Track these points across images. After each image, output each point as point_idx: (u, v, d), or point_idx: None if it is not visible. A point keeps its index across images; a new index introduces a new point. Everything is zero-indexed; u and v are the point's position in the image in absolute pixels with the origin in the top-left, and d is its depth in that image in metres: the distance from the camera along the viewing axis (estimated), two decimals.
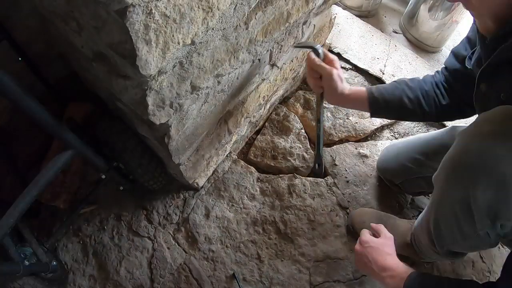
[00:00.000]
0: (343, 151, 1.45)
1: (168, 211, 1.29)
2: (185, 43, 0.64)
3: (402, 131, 1.57)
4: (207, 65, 0.78)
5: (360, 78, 1.65)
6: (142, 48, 0.57)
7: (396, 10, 2.14)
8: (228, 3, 0.68)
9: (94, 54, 0.73)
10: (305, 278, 1.19)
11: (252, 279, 1.19)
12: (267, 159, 1.42)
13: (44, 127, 0.76)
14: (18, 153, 1.24)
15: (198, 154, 1.13)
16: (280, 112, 1.53)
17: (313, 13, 1.17)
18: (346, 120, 1.52)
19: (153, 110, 0.73)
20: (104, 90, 0.95)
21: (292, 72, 1.41)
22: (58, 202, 1.20)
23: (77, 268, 1.19)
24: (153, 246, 1.22)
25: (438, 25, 1.81)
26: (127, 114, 0.91)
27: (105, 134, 1.04)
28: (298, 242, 1.24)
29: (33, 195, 0.84)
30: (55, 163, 0.86)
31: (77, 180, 1.29)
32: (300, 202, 1.31)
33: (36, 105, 0.71)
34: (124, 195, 1.30)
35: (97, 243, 1.23)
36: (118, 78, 0.71)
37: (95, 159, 0.99)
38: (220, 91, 0.95)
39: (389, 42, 1.80)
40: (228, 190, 1.34)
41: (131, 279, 1.17)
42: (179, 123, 0.86)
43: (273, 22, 0.92)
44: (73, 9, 0.63)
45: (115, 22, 0.55)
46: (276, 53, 1.10)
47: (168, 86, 0.72)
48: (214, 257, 1.21)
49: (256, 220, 1.28)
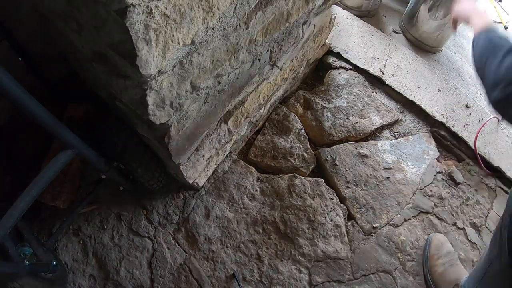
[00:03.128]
0: (343, 151, 1.45)
1: (168, 211, 1.29)
2: (185, 43, 0.64)
3: (402, 131, 1.57)
4: (207, 65, 0.78)
5: (360, 78, 1.65)
6: (142, 48, 0.57)
7: (396, 10, 2.14)
8: (228, 3, 0.68)
9: (94, 54, 0.73)
10: (305, 278, 1.19)
11: (252, 279, 1.19)
12: (267, 159, 1.42)
13: (44, 127, 0.76)
14: (18, 153, 1.24)
15: (198, 154, 1.13)
16: (280, 112, 1.53)
17: (313, 13, 1.17)
18: (346, 120, 1.52)
19: (153, 110, 0.73)
20: (104, 90, 0.95)
21: (292, 72, 1.41)
22: (58, 202, 1.20)
23: (77, 268, 1.19)
24: (153, 246, 1.22)
25: (438, 25, 1.81)
26: (127, 114, 0.90)
27: (105, 134, 1.04)
28: (298, 242, 1.24)
29: (33, 195, 0.84)
30: (55, 163, 0.86)
31: (77, 180, 1.28)
32: (300, 202, 1.31)
33: (36, 105, 0.71)
34: (124, 195, 1.30)
35: (97, 243, 1.23)
36: (118, 78, 0.71)
37: (95, 159, 0.99)
38: (220, 91, 0.95)
39: (389, 42, 1.80)
40: (228, 190, 1.34)
41: (131, 279, 1.17)
42: (179, 123, 0.86)
43: (273, 22, 0.92)
44: (73, 9, 0.63)
45: (115, 22, 0.55)
46: (276, 53, 1.10)
47: (168, 86, 0.72)
48: (214, 257, 1.21)
49: (256, 220, 1.28)
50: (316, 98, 1.57)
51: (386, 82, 1.63)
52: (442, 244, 1.25)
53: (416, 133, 1.56)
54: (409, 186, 1.40)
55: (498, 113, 0.78)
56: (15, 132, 1.21)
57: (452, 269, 1.20)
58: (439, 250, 1.24)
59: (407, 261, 1.25)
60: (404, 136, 1.55)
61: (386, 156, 1.46)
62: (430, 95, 1.63)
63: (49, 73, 1.17)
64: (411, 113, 1.61)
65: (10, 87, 0.64)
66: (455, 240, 1.31)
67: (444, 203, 1.38)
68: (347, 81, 1.63)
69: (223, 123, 1.14)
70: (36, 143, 1.26)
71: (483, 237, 1.35)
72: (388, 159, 1.45)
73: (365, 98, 1.60)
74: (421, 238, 1.30)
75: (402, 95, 1.61)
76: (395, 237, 1.29)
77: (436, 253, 1.23)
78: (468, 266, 1.27)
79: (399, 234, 1.30)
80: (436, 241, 1.26)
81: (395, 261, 1.25)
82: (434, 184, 1.44)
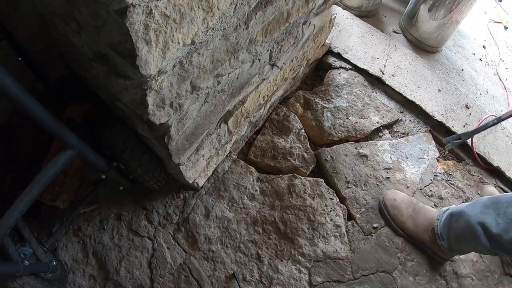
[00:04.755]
0: (343, 151, 1.45)
1: (168, 211, 1.29)
2: (185, 43, 0.64)
3: (402, 131, 1.57)
4: (207, 65, 0.78)
5: (360, 78, 1.65)
6: (142, 48, 0.57)
7: (396, 10, 2.14)
8: (228, 3, 0.68)
9: (94, 54, 0.73)
10: (305, 278, 1.19)
11: (252, 279, 1.19)
12: (267, 159, 1.42)
13: (44, 127, 0.76)
14: (18, 153, 1.24)
15: (198, 154, 1.13)
16: (280, 112, 1.53)
17: (313, 13, 1.17)
18: (346, 120, 1.52)
19: (153, 110, 0.73)
20: (104, 90, 0.95)
21: (292, 72, 1.41)
22: (58, 202, 1.20)
23: (77, 268, 1.19)
24: (153, 246, 1.22)
25: (438, 25, 1.81)
26: (127, 114, 0.91)
27: (105, 134, 1.04)
28: (298, 242, 1.24)
29: (33, 195, 0.84)
30: (55, 163, 0.86)
31: (77, 180, 1.28)
32: (300, 202, 1.31)
33: (36, 105, 0.71)
34: (124, 195, 1.30)
35: (97, 243, 1.23)
36: (118, 78, 0.71)
37: (95, 159, 0.99)
38: (220, 91, 0.95)
39: (389, 42, 1.80)
40: (228, 190, 1.34)
41: (131, 279, 1.17)
42: (179, 123, 0.86)
43: (273, 22, 0.92)
44: (73, 9, 0.63)
45: (115, 22, 0.55)
46: (276, 53, 1.10)
47: (168, 86, 0.72)
48: (214, 257, 1.21)
49: (256, 220, 1.28)
50: (316, 98, 1.57)
51: (386, 82, 1.63)
52: (395, 199, 1.28)
53: (416, 133, 1.56)
54: (409, 186, 1.40)
55: None
56: (15, 132, 1.21)
57: (420, 216, 1.24)
58: (397, 206, 1.27)
59: (407, 261, 1.25)
60: (404, 136, 1.55)
61: (386, 156, 1.46)
62: (430, 95, 1.63)
63: (49, 73, 1.17)
64: (411, 113, 1.62)
65: (10, 87, 0.64)
66: None
67: (444, 203, 1.38)
68: (347, 81, 1.63)
69: (223, 123, 1.14)
70: (36, 143, 1.26)
71: None
72: (388, 159, 1.45)
73: (365, 98, 1.60)
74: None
75: (402, 95, 1.62)
76: (395, 237, 1.29)
77: (396, 212, 1.27)
78: (468, 267, 1.27)
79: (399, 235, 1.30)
80: (389, 201, 1.28)
81: (395, 261, 1.25)
82: (434, 184, 1.44)
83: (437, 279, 1.24)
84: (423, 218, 1.23)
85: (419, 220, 1.23)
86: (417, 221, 1.23)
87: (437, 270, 1.25)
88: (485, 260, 1.29)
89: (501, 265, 1.31)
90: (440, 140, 1.55)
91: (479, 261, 1.29)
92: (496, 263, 1.31)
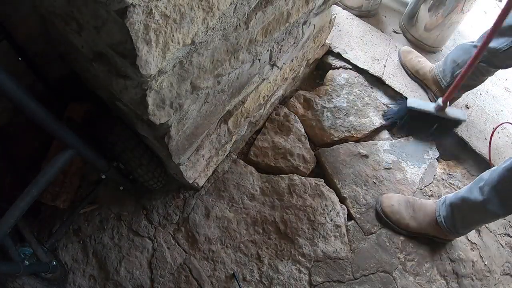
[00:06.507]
0: (343, 151, 1.45)
1: (168, 211, 1.29)
2: (185, 43, 0.64)
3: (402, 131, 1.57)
4: (207, 65, 0.78)
5: (360, 78, 1.65)
6: (142, 48, 0.57)
7: (396, 10, 2.14)
8: (228, 3, 0.68)
9: (94, 54, 0.73)
10: (305, 278, 1.19)
11: (252, 279, 1.19)
12: (267, 159, 1.42)
13: (44, 127, 0.76)
14: (18, 153, 1.24)
15: (198, 154, 1.13)
16: (281, 112, 1.53)
17: (313, 13, 1.17)
18: (346, 120, 1.52)
19: (153, 110, 0.73)
20: (104, 90, 0.95)
21: (292, 72, 1.41)
22: (58, 202, 1.20)
23: (77, 268, 1.19)
24: (153, 246, 1.22)
25: (438, 25, 1.81)
26: (127, 114, 0.90)
27: (105, 134, 1.04)
28: (298, 242, 1.24)
29: (33, 195, 0.84)
30: (55, 163, 0.86)
31: (77, 180, 1.28)
32: (300, 202, 1.31)
33: (36, 105, 0.71)
34: (124, 195, 1.30)
35: (97, 243, 1.23)
36: (118, 78, 0.71)
37: (95, 159, 0.99)
38: (220, 91, 0.95)
39: (389, 42, 1.80)
40: (228, 190, 1.34)
41: (131, 279, 1.17)
42: (179, 123, 0.86)
43: (273, 22, 0.92)
44: (73, 9, 0.63)
45: (115, 22, 0.55)
46: (276, 53, 1.10)
47: (168, 86, 0.72)
48: (214, 257, 1.21)
49: (256, 220, 1.28)
50: (316, 98, 1.57)
51: (386, 82, 1.63)
52: (393, 204, 1.29)
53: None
54: (409, 186, 1.40)
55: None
56: (15, 132, 1.21)
57: (420, 213, 1.27)
58: (397, 211, 1.28)
59: (407, 261, 1.25)
60: (404, 136, 1.55)
61: (386, 156, 1.46)
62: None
63: (49, 73, 1.17)
64: None
65: (10, 87, 0.64)
66: (455, 240, 1.31)
67: None
68: (347, 81, 1.63)
69: (223, 123, 1.14)
70: (36, 143, 1.26)
71: (483, 237, 1.35)
72: (388, 159, 1.45)
73: (365, 98, 1.60)
74: (421, 238, 1.30)
75: (402, 95, 1.62)
76: (395, 237, 1.29)
77: (398, 217, 1.28)
78: (468, 267, 1.27)
79: (399, 234, 1.30)
80: (388, 208, 1.29)
81: (395, 261, 1.25)
82: (434, 184, 1.44)
83: (437, 279, 1.24)
84: (424, 214, 1.26)
85: (421, 217, 1.26)
86: (419, 219, 1.26)
87: (437, 270, 1.25)
88: (485, 260, 1.30)
89: (501, 265, 1.31)
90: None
91: (479, 261, 1.29)
92: (496, 263, 1.31)
